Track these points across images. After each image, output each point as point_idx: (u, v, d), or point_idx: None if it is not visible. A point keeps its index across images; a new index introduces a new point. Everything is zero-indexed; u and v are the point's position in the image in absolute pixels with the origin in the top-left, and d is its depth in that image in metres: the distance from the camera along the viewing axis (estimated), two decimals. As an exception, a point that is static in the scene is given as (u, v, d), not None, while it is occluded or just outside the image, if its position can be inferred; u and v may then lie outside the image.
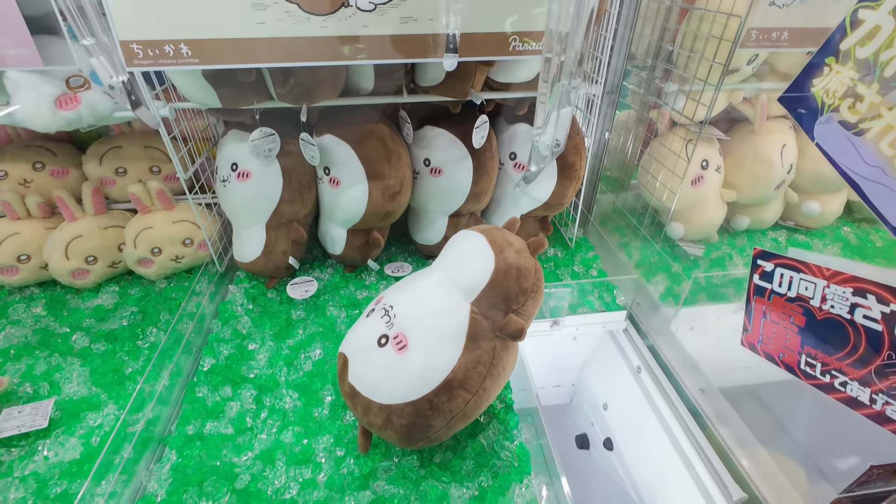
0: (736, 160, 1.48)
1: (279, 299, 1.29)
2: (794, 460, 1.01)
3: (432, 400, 0.76)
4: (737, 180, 1.49)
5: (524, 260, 0.83)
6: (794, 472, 0.96)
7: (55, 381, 1.06)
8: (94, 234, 1.27)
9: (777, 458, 0.99)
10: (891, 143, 0.60)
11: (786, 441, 1.09)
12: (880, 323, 0.64)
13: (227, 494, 0.84)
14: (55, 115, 0.98)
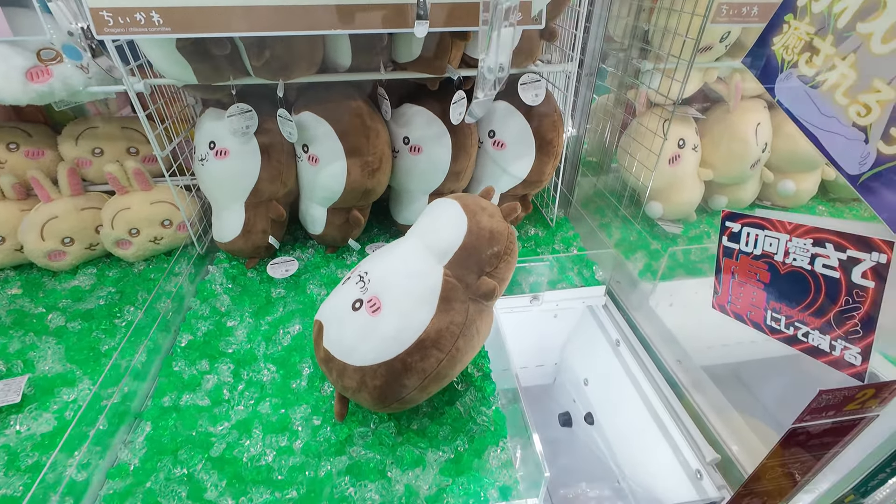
0: (712, 139, 1.50)
1: (259, 278, 1.29)
2: (766, 424, 1.02)
3: (405, 360, 0.76)
4: (713, 159, 1.52)
5: (497, 223, 0.83)
6: (766, 434, 0.98)
7: (29, 359, 1.04)
8: (70, 216, 1.26)
9: (750, 423, 1.00)
10: (844, 93, 0.62)
11: (759, 408, 1.11)
12: (837, 270, 0.66)
13: (202, 461, 0.84)
14: (26, 88, 0.97)
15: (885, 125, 0.57)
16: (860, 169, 0.61)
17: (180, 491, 0.79)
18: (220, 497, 0.79)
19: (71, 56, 1.02)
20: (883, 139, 0.58)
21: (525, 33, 1.15)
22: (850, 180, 0.62)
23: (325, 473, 0.83)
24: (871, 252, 0.61)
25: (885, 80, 0.57)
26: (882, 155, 0.58)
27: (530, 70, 1.23)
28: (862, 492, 0.63)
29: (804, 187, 1.60)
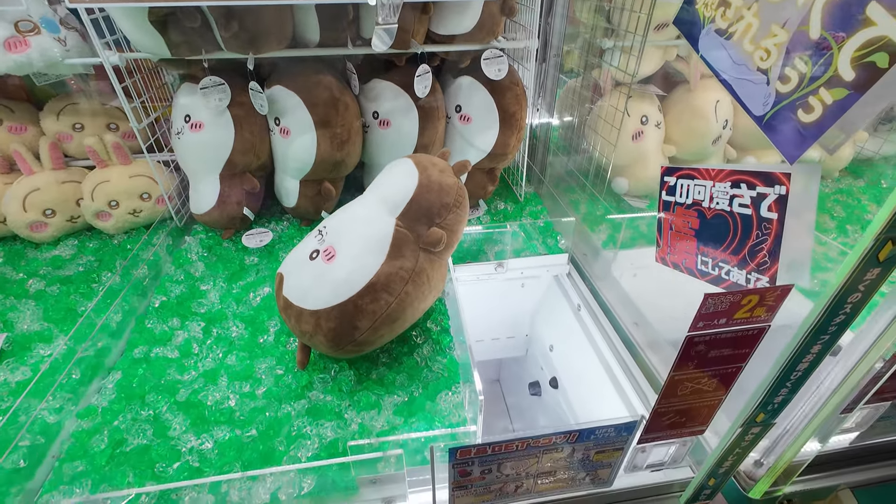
0: (674, 117, 1.56)
1: (234, 248, 1.34)
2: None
3: (356, 302, 0.81)
4: (676, 136, 1.57)
5: (447, 178, 0.89)
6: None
7: (9, 320, 1.09)
8: (51, 188, 1.31)
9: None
10: (750, 40, 0.67)
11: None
12: (750, 207, 0.71)
13: (167, 405, 0.89)
14: (4, 57, 1.02)
15: (781, 66, 0.62)
16: (764, 110, 0.66)
17: (146, 429, 0.84)
18: (182, 434, 0.83)
19: (49, 29, 1.07)
20: (780, 79, 0.63)
21: (486, 9, 1.20)
22: (757, 121, 0.68)
23: (284, 414, 0.87)
24: (773, 186, 0.66)
25: (779, 24, 0.62)
26: (779, 94, 0.63)
27: (493, 46, 1.28)
28: (770, 410, 0.68)
29: (765, 161, 1.65)
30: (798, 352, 0.59)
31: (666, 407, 0.67)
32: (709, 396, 0.67)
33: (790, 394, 0.65)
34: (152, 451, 0.80)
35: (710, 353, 0.60)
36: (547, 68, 1.65)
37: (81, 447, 0.81)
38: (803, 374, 0.62)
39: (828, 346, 0.59)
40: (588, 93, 1.62)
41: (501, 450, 0.67)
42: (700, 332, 0.57)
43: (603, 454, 0.73)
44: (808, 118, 0.60)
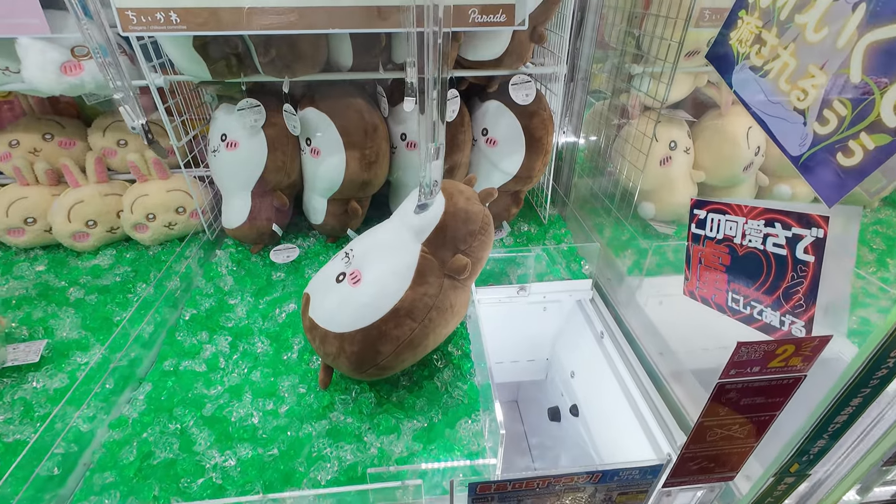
0: (704, 142, 1.53)
1: (262, 263, 1.37)
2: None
3: (380, 327, 0.82)
4: (705, 162, 1.54)
5: (473, 206, 0.89)
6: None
7: (49, 326, 1.14)
8: (94, 200, 1.38)
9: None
10: (786, 80, 0.66)
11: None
12: (785, 248, 0.69)
13: (194, 419, 0.91)
14: (60, 80, 1.08)
15: (819, 107, 0.61)
16: (801, 150, 0.65)
17: (173, 442, 0.86)
18: (207, 449, 0.85)
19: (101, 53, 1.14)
20: (818, 121, 0.62)
21: (515, 36, 1.22)
22: (793, 161, 0.66)
23: (305, 434, 0.88)
24: (810, 228, 0.65)
25: (817, 65, 0.61)
26: (817, 135, 0.62)
27: (521, 72, 1.30)
28: (805, 461, 0.65)
29: (800, 191, 1.60)
30: (836, 404, 0.57)
31: (693, 452, 0.65)
32: (739, 443, 0.65)
33: (828, 445, 0.63)
34: (178, 465, 0.82)
35: (741, 401, 0.58)
36: (574, 89, 1.65)
37: (112, 458, 0.84)
38: (842, 426, 0.60)
39: (869, 398, 0.57)
40: (615, 116, 1.62)
41: (522, 487, 0.66)
42: (732, 379, 0.55)
43: (626, 496, 0.71)
44: (849, 162, 0.58)
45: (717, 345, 1.19)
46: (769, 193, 1.63)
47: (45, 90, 1.09)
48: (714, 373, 0.58)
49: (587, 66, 1.57)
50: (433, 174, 0.78)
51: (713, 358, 1.21)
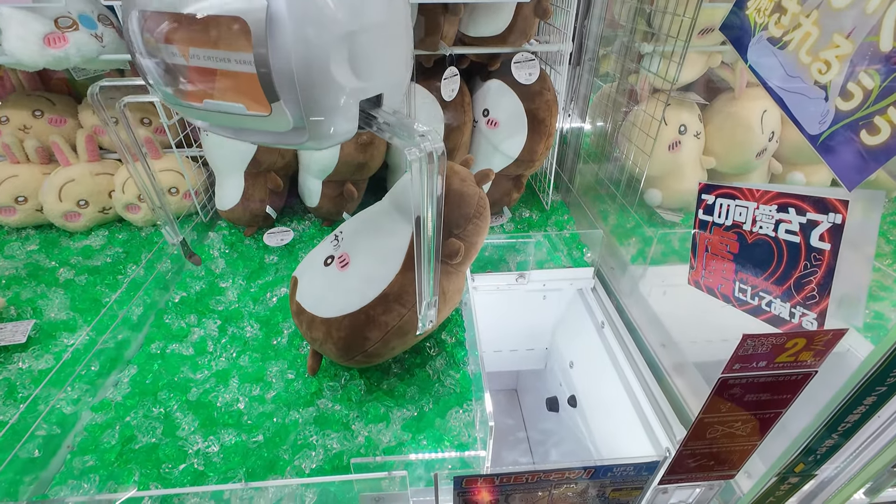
0: (716, 126, 1.47)
1: (255, 246, 1.34)
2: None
3: (368, 312, 0.79)
4: (716, 147, 1.48)
5: (468, 187, 0.85)
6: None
7: (38, 307, 1.12)
8: (85, 179, 1.35)
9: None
10: (808, 51, 0.61)
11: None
12: (798, 235, 0.64)
13: (178, 403, 0.89)
14: (43, 52, 1.05)
15: (844, 80, 0.56)
16: (820, 129, 0.60)
17: (156, 427, 0.84)
18: (191, 434, 0.83)
19: (86, 25, 1.10)
20: (841, 95, 0.57)
21: (519, 11, 1.16)
22: (811, 140, 0.61)
23: (291, 421, 0.86)
24: (827, 213, 0.60)
25: (843, 34, 0.56)
26: (840, 112, 0.57)
27: (524, 49, 1.24)
28: (811, 461, 0.61)
29: (815, 180, 1.54)
30: (849, 402, 0.53)
31: (692, 449, 0.62)
32: (742, 441, 0.61)
33: (837, 445, 0.59)
34: (160, 450, 0.80)
35: (745, 397, 0.55)
36: (581, 72, 1.59)
37: (93, 441, 0.82)
38: (853, 425, 0.56)
39: (885, 397, 0.52)
40: (623, 99, 1.55)
41: (510, 481, 0.63)
42: (735, 374, 0.51)
43: (620, 492, 0.68)
44: (873, 140, 0.53)
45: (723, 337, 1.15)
46: (782, 181, 1.57)
47: (28, 63, 1.05)
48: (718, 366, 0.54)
49: (595, 46, 1.50)
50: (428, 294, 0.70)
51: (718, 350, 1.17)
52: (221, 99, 0.52)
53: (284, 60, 0.47)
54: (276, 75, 0.48)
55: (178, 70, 0.52)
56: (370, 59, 0.54)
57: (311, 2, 0.47)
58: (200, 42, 0.49)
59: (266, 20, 0.45)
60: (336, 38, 0.49)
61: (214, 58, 0.49)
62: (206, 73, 0.51)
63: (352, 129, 0.56)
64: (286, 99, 0.49)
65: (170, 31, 0.50)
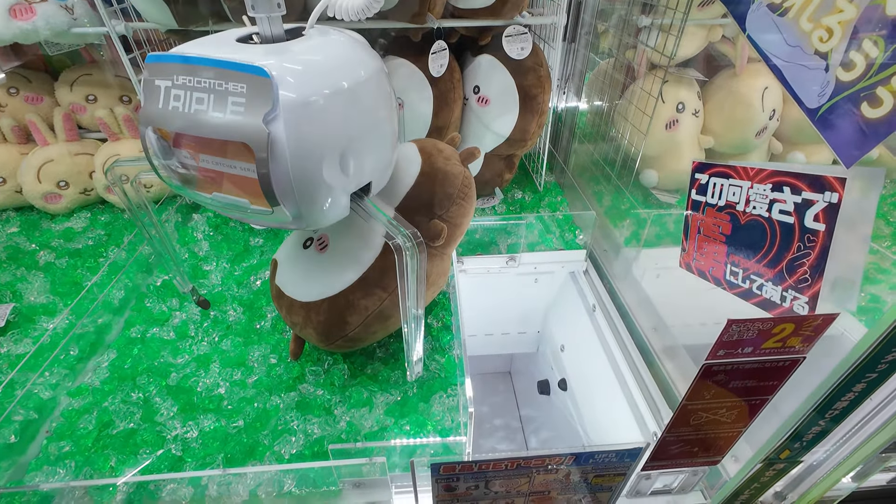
0: (715, 104, 1.42)
1: (240, 228, 1.31)
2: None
3: (348, 296, 0.77)
4: (715, 126, 1.44)
5: (452, 166, 0.82)
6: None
7: (17, 290, 1.10)
8: (64, 159, 1.31)
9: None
10: (809, 18, 0.57)
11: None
12: (792, 215, 0.62)
13: (157, 388, 0.87)
14: (9, 24, 1.00)
15: (845, 49, 0.52)
16: (819, 101, 0.56)
17: (134, 412, 0.83)
18: (169, 420, 0.82)
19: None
20: (842, 65, 0.53)
21: (510, -19, 1.10)
22: (809, 114, 0.58)
23: (272, 406, 0.84)
24: (823, 192, 0.57)
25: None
26: (840, 83, 0.53)
27: (516, 22, 1.18)
28: (797, 448, 0.59)
29: (816, 160, 1.50)
30: (837, 388, 0.51)
31: (676, 436, 0.60)
32: (727, 427, 0.60)
33: (823, 432, 0.57)
34: (138, 436, 0.79)
35: (730, 384, 0.53)
36: (577, 48, 1.53)
37: (70, 426, 0.81)
38: (842, 412, 0.54)
39: (875, 384, 0.50)
40: (620, 76, 1.50)
41: (489, 468, 0.62)
42: (720, 360, 0.49)
43: (602, 478, 0.67)
44: (874, 113, 0.50)
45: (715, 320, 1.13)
46: (783, 160, 1.53)
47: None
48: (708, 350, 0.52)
49: (591, 18, 1.44)
50: (418, 350, 0.76)
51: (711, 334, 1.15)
52: (228, 194, 0.59)
53: (283, 173, 0.55)
54: (276, 186, 0.55)
55: (189, 169, 0.59)
56: (358, 160, 0.62)
57: (304, 128, 0.54)
58: (209, 151, 0.56)
59: (267, 145, 0.52)
60: (327, 152, 0.57)
61: (222, 164, 0.57)
62: (214, 174, 0.58)
63: (344, 212, 0.66)
64: (285, 201, 0.57)
65: (183, 141, 0.57)
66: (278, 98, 0.54)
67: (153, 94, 0.58)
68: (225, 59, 0.55)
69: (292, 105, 0.54)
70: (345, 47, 0.64)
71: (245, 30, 0.67)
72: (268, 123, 0.54)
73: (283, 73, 0.55)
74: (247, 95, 0.54)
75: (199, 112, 0.56)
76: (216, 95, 0.55)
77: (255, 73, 0.54)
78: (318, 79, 0.58)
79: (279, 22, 0.63)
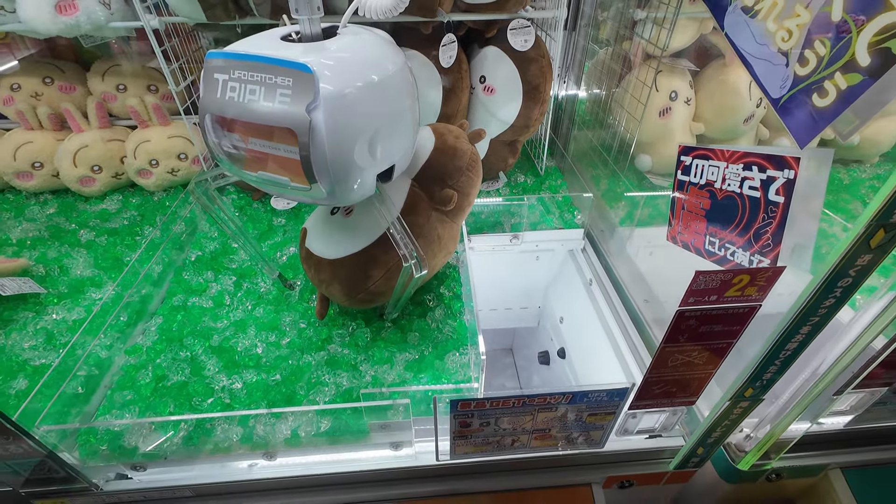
0: (706, 93, 1.51)
1: (263, 209, 1.41)
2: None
3: (370, 251, 0.87)
4: (706, 113, 1.53)
5: (461, 143, 0.92)
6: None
7: (64, 266, 1.20)
8: (98, 145, 1.40)
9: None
10: (774, 20, 0.66)
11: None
12: (759, 190, 0.72)
13: (203, 348, 0.98)
14: (55, 19, 1.08)
15: (801, 48, 0.62)
16: (781, 92, 0.66)
17: (184, 368, 0.94)
18: (216, 374, 0.93)
19: (95, -8, 1.13)
20: (799, 62, 0.63)
21: (515, -23, 1.19)
22: (773, 103, 0.67)
23: (305, 363, 0.96)
24: (783, 170, 0.67)
25: (803, 4, 0.61)
26: (797, 76, 0.63)
27: (520, 16, 1.27)
28: (758, 386, 0.71)
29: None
30: (787, 332, 0.61)
31: (657, 377, 0.71)
32: (699, 369, 0.71)
33: (778, 372, 0.68)
34: (189, 387, 0.90)
35: (700, 329, 0.63)
36: (577, 38, 1.61)
37: (129, 379, 0.92)
38: (792, 353, 0.65)
39: (818, 327, 0.61)
40: (617, 66, 1.59)
41: (499, 405, 0.73)
42: (690, 307, 0.60)
43: (595, 417, 0.78)
44: (822, 103, 0.59)
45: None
46: (770, 146, 1.62)
47: (41, 30, 1.09)
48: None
49: (591, 10, 1.52)
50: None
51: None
52: (272, 172, 0.70)
53: (321, 155, 0.65)
54: (315, 166, 0.65)
55: (240, 150, 0.70)
56: (385, 145, 0.72)
57: (339, 116, 0.64)
58: (257, 135, 0.67)
59: (309, 130, 0.62)
60: (358, 137, 0.67)
61: (269, 146, 0.67)
62: (261, 155, 0.69)
63: (370, 191, 0.76)
64: (321, 179, 0.67)
65: (236, 126, 0.68)
66: (319, 90, 0.63)
67: (212, 85, 0.68)
68: (274, 56, 0.65)
69: (330, 96, 0.64)
70: (374, 45, 0.74)
71: (285, 29, 0.76)
72: (310, 112, 0.64)
73: (322, 69, 0.64)
74: (293, 88, 0.64)
75: (251, 101, 0.66)
76: (267, 88, 0.65)
77: (300, 69, 0.64)
78: (352, 73, 0.67)
79: (318, 23, 0.72)
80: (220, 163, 0.76)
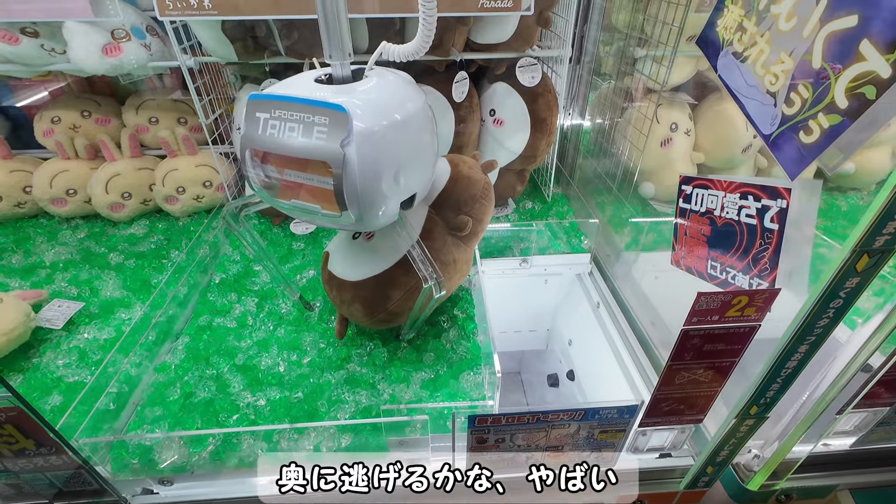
0: (705, 124, 1.59)
1: (283, 234, 1.48)
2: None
3: (390, 274, 0.93)
4: (706, 143, 1.60)
5: (475, 173, 0.99)
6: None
7: (95, 287, 1.26)
8: (129, 173, 1.49)
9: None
10: (762, 65, 0.73)
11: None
12: (755, 218, 0.77)
13: (228, 366, 1.03)
14: (102, 60, 1.18)
15: (787, 91, 0.68)
16: (771, 129, 0.72)
17: (210, 385, 0.98)
18: (240, 391, 0.97)
19: (137, 36, 1.23)
20: (785, 103, 0.69)
21: (523, 21, 1.28)
22: (765, 139, 0.74)
23: (325, 381, 1.00)
24: (776, 199, 0.73)
25: (787, 52, 0.68)
26: (785, 116, 0.69)
27: (528, 55, 1.36)
28: (762, 404, 0.74)
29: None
30: (786, 350, 0.65)
31: (665, 394, 0.75)
32: (705, 387, 0.75)
33: (781, 390, 0.72)
34: (216, 403, 0.94)
35: (704, 347, 0.68)
36: (580, 72, 1.71)
37: (159, 396, 0.97)
38: (793, 371, 0.69)
39: (815, 346, 0.65)
40: (619, 99, 1.67)
41: (514, 421, 0.76)
42: (694, 326, 0.64)
43: (606, 434, 0.81)
44: (808, 140, 0.65)
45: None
46: (768, 175, 1.69)
47: (89, 70, 1.19)
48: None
49: (593, 48, 1.62)
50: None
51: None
52: (304, 201, 0.76)
53: (352, 185, 0.71)
54: (347, 194, 0.71)
55: (273, 180, 0.76)
56: (408, 176, 0.78)
57: (368, 151, 0.70)
58: (294, 167, 0.74)
59: (343, 163, 0.69)
60: (385, 169, 0.74)
61: (303, 177, 0.74)
62: (295, 185, 0.75)
63: (393, 218, 0.82)
64: (351, 207, 0.73)
65: (271, 158, 0.75)
66: (353, 128, 0.70)
67: (254, 123, 0.75)
68: (312, 97, 0.72)
69: (362, 133, 0.71)
70: (398, 86, 0.81)
71: (317, 72, 0.84)
72: (343, 147, 0.70)
73: (354, 108, 0.72)
74: (328, 126, 0.71)
75: (290, 137, 0.73)
76: (304, 126, 0.72)
77: (335, 108, 0.71)
78: (380, 113, 0.75)
79: (348, 66, 0.80)
80: (256, 192, 0.82)
